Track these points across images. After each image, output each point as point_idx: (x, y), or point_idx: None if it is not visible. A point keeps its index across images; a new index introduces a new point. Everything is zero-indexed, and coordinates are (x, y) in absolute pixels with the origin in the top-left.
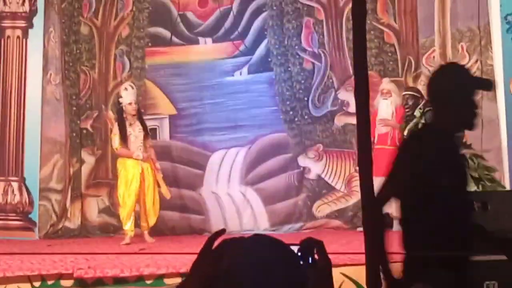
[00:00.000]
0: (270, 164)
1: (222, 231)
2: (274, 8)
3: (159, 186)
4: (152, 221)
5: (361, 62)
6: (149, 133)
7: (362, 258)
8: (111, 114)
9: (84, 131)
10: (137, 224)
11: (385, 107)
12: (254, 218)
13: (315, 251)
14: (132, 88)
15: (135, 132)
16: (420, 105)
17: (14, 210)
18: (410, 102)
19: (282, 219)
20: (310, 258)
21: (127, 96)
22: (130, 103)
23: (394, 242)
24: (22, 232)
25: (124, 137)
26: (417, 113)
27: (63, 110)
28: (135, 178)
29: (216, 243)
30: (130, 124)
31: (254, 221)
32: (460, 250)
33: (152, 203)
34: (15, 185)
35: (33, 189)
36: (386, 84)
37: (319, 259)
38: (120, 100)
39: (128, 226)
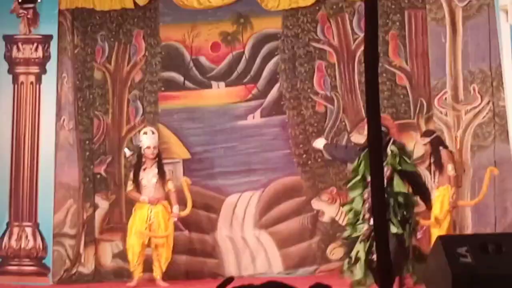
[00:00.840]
0: (284, 207)
1: (231, 279)
2: (286, 51)
3: (176, 229)
4: (163, 265)
5: (373, 105)
6: (165, 178)
7: None
8: (127, 151)
9: (98, 176)
10: (150, 269)
11: None
12: (268, 262)
13: None
14: (153, 133)
15: (148, 176)
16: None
17: (28, 256)
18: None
19: (296, 262)
20: None
21: (146, 140)
22: (148, 147)
23: None
24: (36, 278)
25: (136, 181)
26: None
27: (76, 155)
28: (141, 222)
29: None
30: (145, 169)
31: (268, 265)
32: None
33: (166, 246)
34: (29, 230)
35: (47, 235)
36: None
37: None
38: (139, 144)
39: (135, 268)
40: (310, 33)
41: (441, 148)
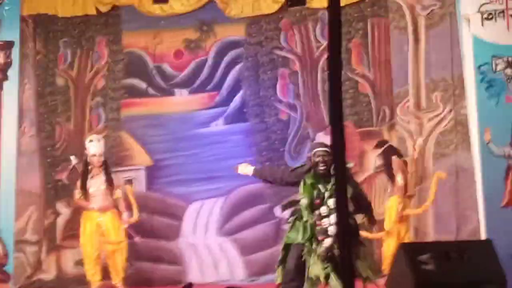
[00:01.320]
0: (247, 215)
1: (189, 286)
2: (249, 59)
3: (129, 237)
4: (121, 272)
5: (337, 113)
6: (113, 185)
7: None
8: (73, 159)
9: (60, 183)
10: (108, 276)
11: None
12: (231, 269)
13: None
14: (99, 140)
15: (96, 184)
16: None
17: None
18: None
19: (259, 269)
20: None
21: (91, 147)
22: (94, 155)
23: None
24: None
25: (84, 190)
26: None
27: (38, 161)
28: (92, 230)
29: None
30: (92, 177)
31: (231, 272)
32: None
33: (120, 253)
34: None
35: (8, 241)
36: None
37: None
38: (86, 152)
39: (91, 277)
40: (273, 41)
41: (393, 157)
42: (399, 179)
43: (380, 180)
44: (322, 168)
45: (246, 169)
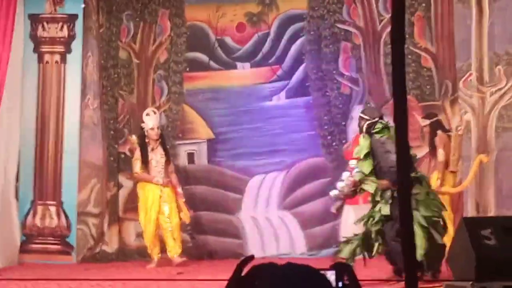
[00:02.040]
0: (308, 189)
1: (251, 257)
2: (312, 33)
3: (180, 211)
4: (179, 245)
5: (400, 87)
6: (170, 159)
7: (398, 285)
8: (134, 138)
9: (122, 156)
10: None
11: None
12: (292, 242)
13: (345, 276)
14: (155, 113)
15: (156, 157)
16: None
17: (52, 234)
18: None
19: (320, 243)
20: (340, 283)
21: (149, 121)
22: (152, 128)
23: None
24: (60, 256)
25: (145, 162)
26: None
27: (101, 134)
28: (154, 203)
29: (246, 269)
30: (152, 149)
31: (291, 245)
32: None
33: (177, 227)
34: (53, 209)
35: (71, 213)
36: None
37: (349, 284)
38: (143, 125)
39: (152, 251)
40: (336, 14)
41: (438, 131)
42: (440, 154)
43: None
44: None
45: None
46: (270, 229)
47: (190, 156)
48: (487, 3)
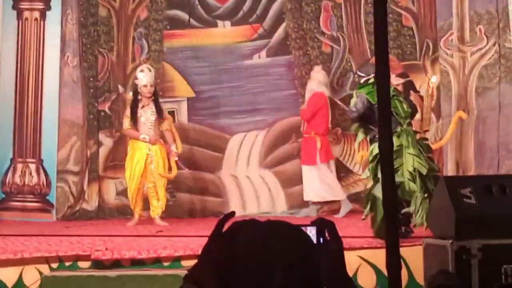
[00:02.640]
0: (289, 147)
1: (232, 214)
2: None
3: (170, 169)
4: (162, 205)
5: (381, 45)
6: (164, 116)
7: (379, 241)
8: (130, 96)
9: (102, 114)
10: (145, 206)
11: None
12: (272, 201)
13: (326, 232)
14: (150, 70)
15: (146, 114)
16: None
17: (31, 192)
18: None
19: (300, 202)
20: (321, 239)
21: (143, 78)
22: (145, 85)
23: None
24: (39, 214)
25: (134, 119)
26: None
27: (80, 92)
28: (140, 161)
29: (226, 226)
30: (143, 106)
31: (272, 204)
32: None
33: (161, 185)
34: (32, 167)
35: (51, 171)
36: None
37: (331, 239)
38: (136, 81)
39: (134, 208)
40: None
41: (411, 92)
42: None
43: None
44: None
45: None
46: (251, 187)
47: (170, 114)
48: None
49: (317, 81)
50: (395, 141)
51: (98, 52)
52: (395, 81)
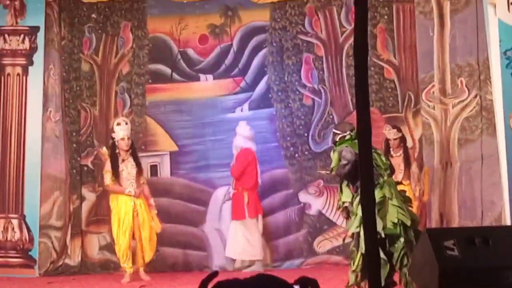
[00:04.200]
0: (271, 200)
1: (215, 273)
2: (274, 44)
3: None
4: (148, 257)
5: (363, 98)
6: (142, 169)
7: None
8: (104, 150)
9: (85, 168)
10: (134, 261)
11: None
12: (256, 254)
13: None
14: (126, 123)
15: (127, 168)
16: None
17: (14, 247)
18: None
19: (283, 255)
20: None
21: (120, 131)
22: (122, 139)
23: None
24: (22, 270)
25: (116, 173)
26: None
27: (63, 147)
28: (127, 215)
29: (210, 286)
30: (123, 160)
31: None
32: None
33: (148, 239)
34: (15, 222)
35: (33, 226)
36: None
37: None
38: (113, 135)
39: (126, 263)
40: (298, 25)
41: (412, 167)
42: (417, 191)
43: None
44: None
45: None
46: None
47: (153, 169)
48: (448, 15)
49: (243, 137)
50: (378, 193)
51: (81, 107)
52: (394, 135)
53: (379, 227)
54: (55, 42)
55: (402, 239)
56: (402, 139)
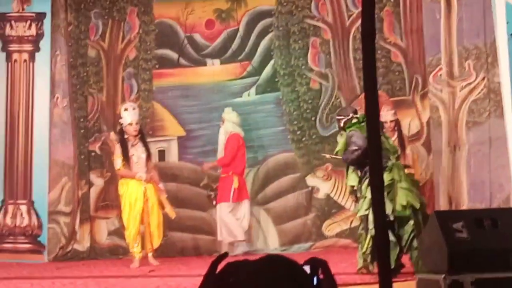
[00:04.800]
0: (279, 184)
1: (225, 255)
2: (280, 28)
3: (163, 207)
4: (156, 242)
5: (371, 81)
6: (151, 154)
7: (372, 277)
8: (112, 136)
9: (93, 154)
10: (143, 246)
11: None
12: (264, 238)
13: (320, 271)
14: (134, 108)
15: (138, 153)
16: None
17: (23, 233)
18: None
19: (292, 238)
20: (315, 278)
21: (127, 116)
22: (130, 124)
23: None
24: (31, 255)
25: (126, 158)
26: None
27: (71, 133)
28: (138, 200)
29: (220, 267)
30: (132, 145)
31: (264, 241)
32: None
33: (156, 224)
34: (23, 208)
35: (42, 212)
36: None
37: (324, 279)
38: (121, 121)
39: (135, 248)
40: (304, 9)
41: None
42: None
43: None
44: None
45: None
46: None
47: (161, 154)
48: None
49: (231, 122)
50: (387, 176)
51: (88, 93)
52: (392, 117)
53: (389, 210)
54: (62, 28)
55: (411, 222)
56: (397, 123)
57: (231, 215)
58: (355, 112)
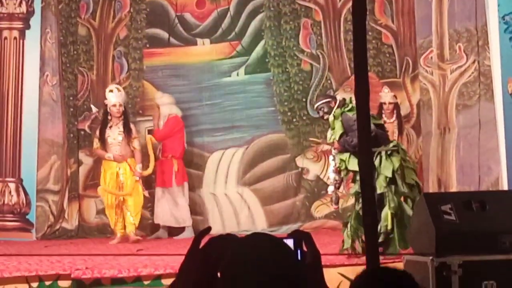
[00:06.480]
0: (268, 165)
1: (208, 229)
2: (272, 9)
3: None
4: (136, 220)
5: (361, 63)
6: (132, 135)
7: (360, 258)
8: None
9: (82, 132)
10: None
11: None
12: (252, 219)
13: (303, 244)
14: (119, 90)
15: (114, 134)
16: (334, 108)
17: (11, 211)
18: (326, 109)
19: (280, 219)
20: (298, 251)
21: (112, 97)
22: (114, 105)
23: None
24: (19, 233)
25: (102, 139)
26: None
27: (60, 111)
28: (111, 179)
29: (203, 241)
30: (111, 126)
31: (252, 222)
32: None
33: (133, 202)
34: (12, 186)
35: (31, 190)
36: None
37: (308, 251)
38: (106, 101)
39: (115, 226)
40: None
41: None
42: None
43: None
44: None
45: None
46: (229, 205)
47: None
48: None
49: (166, 104)
50: (397, 158)
51: (78, 71)
52: (392, 99)
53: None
54: (52, 5)
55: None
56: (396, 106)
57: (170, 200)
58: (334, 97)
